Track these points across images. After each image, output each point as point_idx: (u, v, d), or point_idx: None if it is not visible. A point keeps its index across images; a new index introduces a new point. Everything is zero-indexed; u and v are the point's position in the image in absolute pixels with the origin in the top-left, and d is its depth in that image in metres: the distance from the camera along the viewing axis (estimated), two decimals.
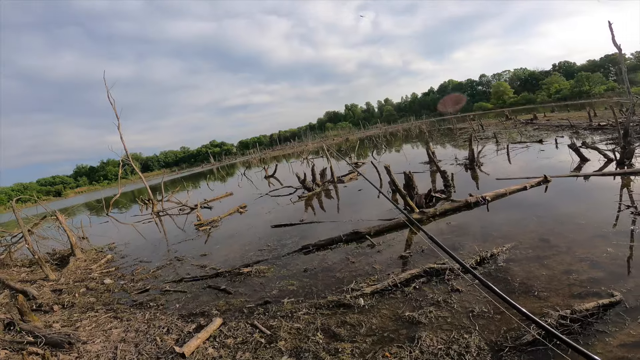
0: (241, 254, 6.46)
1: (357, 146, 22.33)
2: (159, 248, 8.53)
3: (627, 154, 7.24)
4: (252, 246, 6.82)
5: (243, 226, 8.82)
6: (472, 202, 6.07)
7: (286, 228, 7.67)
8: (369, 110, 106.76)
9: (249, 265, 5.62)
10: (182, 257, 7.11)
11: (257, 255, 6.15)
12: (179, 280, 5.72)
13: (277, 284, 4.71)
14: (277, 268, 5.35)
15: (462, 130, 26.14)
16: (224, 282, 5.20)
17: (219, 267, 5.89)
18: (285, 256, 5.82)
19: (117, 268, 7.40)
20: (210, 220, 10.14)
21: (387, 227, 5.76)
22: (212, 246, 7.57)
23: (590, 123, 15.35)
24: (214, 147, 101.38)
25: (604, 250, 3.77)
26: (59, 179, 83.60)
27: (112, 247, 9.77)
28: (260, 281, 4.97)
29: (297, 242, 6.41)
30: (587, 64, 67.90)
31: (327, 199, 10.28)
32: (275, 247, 6.41)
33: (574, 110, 28.81)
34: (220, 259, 6.45)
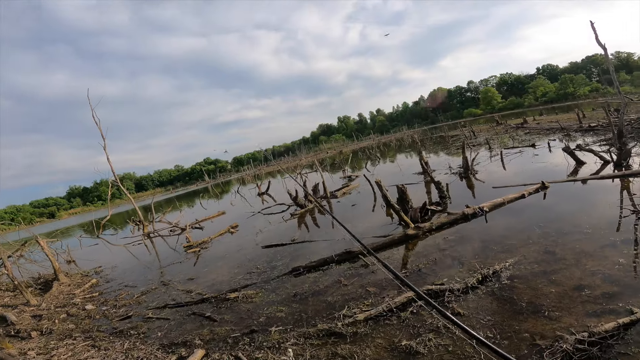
0: (229, 278, 6.18)
1: (349, 159, 22.15)
2: (145, 271, 8.28)
3: (624, 155, 7.06)
4: (241, 269, 6.52)
5: (233, 247, 8.50)
6: (470, 213, 5.79)
7: (277, 248, 7.33)
8: (361, 122, 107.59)
9: (236, 290, 5.35)
10: (168, 282, 6.85)
11: (245, 279, 5.86)
12: (163, 306, 5.49)
13: (265, 310, 4.42)
14: (265, 292, 5.05)
15: (454, 137, 26.16)
16: (210, 309, 4.93)
17: (205, 292, 5.62)
18: (274, 279, 5.51)
19: (101, 293, 7.20)
20: (200, 242, 9.85)
21: (382, 245, 5.44)
22: (201, 269, 7.29)
23: (581, 125, 15.35)
24: (208, 165, 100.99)
25: (615, 262, 3.47)
26: (52, 201, 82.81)
27: (98, 271, 9.57)
28: (247, 307, 4.68)
29: (287, 264, 6.09)
30: (570, 66, 69.52)
31: (320, 215, 9.95)
32: (265, 270, 6.10)
33: (562, 113, 29.11)
34: (208, 283, 6.17)
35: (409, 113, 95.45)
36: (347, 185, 12.99)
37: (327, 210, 5.87)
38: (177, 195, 49.07)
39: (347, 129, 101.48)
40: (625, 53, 58.23)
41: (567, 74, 61.51)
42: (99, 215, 25.79)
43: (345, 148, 58.96)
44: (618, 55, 58.61)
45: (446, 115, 77.51)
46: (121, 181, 16.95)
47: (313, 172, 23.82)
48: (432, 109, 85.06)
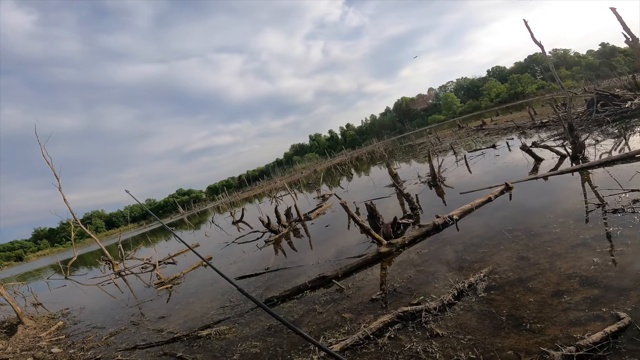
0: (202, 313, 5.86)
1: (321, 178, 22.08)
2: (115, 312, 7.94)
3: (578, 148, 7.35)
4: (214, 303, 6.20)
5: (206, 281, 8.12)
6: (440, 223, 5.71)
7: (251, 279, 6.94)
8: (332, 138, 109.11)
9: (208, 327, 5.05)
10: (138, 321, 6.53)
11: (218, 314, 5.56)
12: (132, 347, 5.21)
13: (239, 347, 4.14)
14: (239, 327, 4.75)
15: (422, 145, 26.87)
16: (182, 348, 4.64)
17: (177, 331, 5.33)
18: (248, 312, 5.20)
19: (68, 335, 7.05)
20: (171, 278, 9.39)
21: (356, 266, 5.20)
22: (172, 306, 6.92)
23: (534, 122, 16.17)
24: (181, 196, 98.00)
25: (590, 262, 3.41)
26: (17, 244, 78.02)
27: (65, 313, 9.35)
28: (220, 345, 4.39)
29: (261, 294, 5.75)
30: (515, 66, 74.91)
31: (296, 238, 9.62)
32: (239, 303, 5.78)
33: (515, 111, 30.80)
34: (180, 321, 5.84)
35: (377, 125, 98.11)
36: (321, 206, 12.76)
37: None
38: (152, 230, 47.16)
39: (320, 146, 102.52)
40: (562, 50, 63.55)
41: (514, 74, 66.12)
42: (68, 256, 24.25)
43: (319, 166, 59.14)
44: (555, 53, 63.84)
45: (412, 124, 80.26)
46: (89, 220, 15.95)
47: (288, 194, 23.46)
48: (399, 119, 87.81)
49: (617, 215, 4.27)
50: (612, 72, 33.93)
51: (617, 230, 3.90)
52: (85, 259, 28.03)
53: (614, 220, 4.16)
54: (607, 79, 33.12)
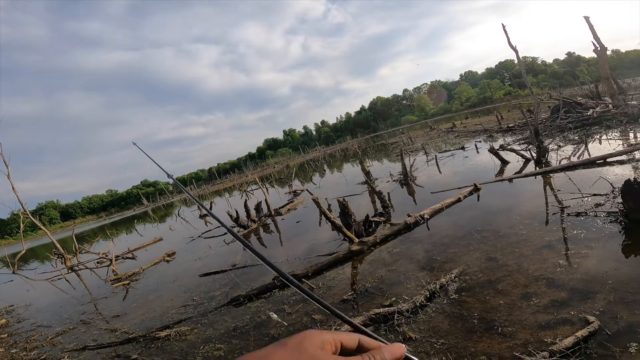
0: (162, 313, 5.50)
1: (293, 173, 21.79)
2: (64, 310, 7.40)
3: (542, 152, 7.64)
4: (175, 302, 5.83)
5: (168, 277, 7.68)
6: (412, 222, 5.68)
7: (216, 276, 6.61)
8: (307, 134, 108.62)
9: (168, 327, 4.72)
10: (89, 320, 6.08)
11: (180, 313, 5.21)
12: (81, 348, 4.82)
13: (201, 350, 3.87)
14: (202, 328, 4.46)
15: (394, 144, 27.29)
16: (137, 350, 4.31)
17: (132, 331, 4.96)
18: (212, 312, 4.90)
19: (11, 334, 6.69)
20: (130, 274, 8.83)
21: (327, 264, 5.04)
22: (129, 305, 6.51)
23: (501, 126, 16.85)
24: (146, 188, 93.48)
25: (556, 264, 3.45)
26: None
27: (9, 310, 8.87)
28: (181, 346, 4.10)
29: (227, 293, 5.47)
30: (486, 72, 78.46)
31: (266, 234, 9.32)
32: (202, 301, 5.45)
33: (484, 115, 32.13)
34: (137, 320, 5.46)
35: (352, 123, 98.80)
36: (292, 201, 12.52)
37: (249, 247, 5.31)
38: (112, 222, 44.67)
39: (294, 141, 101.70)
40: (530, 57, 67.26)
41: (485, 80, 69.24)
42: (18, 249, 22.34)
43: (292, 161, 58.69)
44: (524, 60, 67.49)
45: (386, 123, 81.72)
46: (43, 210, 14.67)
47: (259, 188, 22.95)
48: (373, 118, 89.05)
49: (580, 218, 4.40)
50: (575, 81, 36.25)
51: (580, 233, 4.00)
52: (37, 253, 25.96)
53: (577, 223, 4.28)
54: (569, 88, 35.34)
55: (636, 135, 8.54)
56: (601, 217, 4.25)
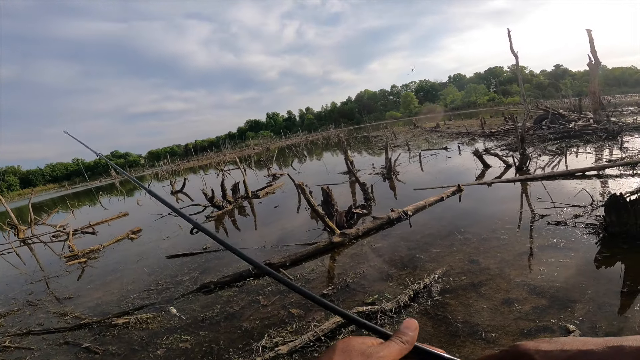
0: (120, 297, 5.08)
1: (274, 156, 21.35)
2: (10, 288, 6.69)
3: (525, 159, 7.76)
4: (137, 285, 5.43)
5: (131, 257, 7.18)
6: (395, 218, 5.58)
7: (185, 259, 6.23)
8: (290, 119, 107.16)
9: (127, 313, 4.36)
10: (37, 301, 5.51)
11: (141, 298, 4.83)
12: (25, 332, 4.37)
13: (165, 340, 3.57)
14: (166, 316, 4.13)
15: (377, 137, 27.34)
16: (90, 337, 3.94)
17: (85, 316, 4.54)
18: (178, 299, 4.56)
19: None
20: (87, 251, 8.18)
21: (306, 255, 4.85)
22: (84, 286, 5.97)
23: (483, 130, 17.19)
24: (116, 159, 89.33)
25: (537, 271, 3.44)
26: None
27: None
28: (141, 335, 3.77)
29: (196, 279, 5.14)
30: (475, 76, 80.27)
31: (240, 217, 9.00)
32: (168, 286, 5.08)
33: (466, 119, 32.81)
34: (91, 304, 5.01)
35: (337, 113, 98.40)
36: (271, 185, 12.20)
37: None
38: (75, 192, 42.25)
39: (276, 125, 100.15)
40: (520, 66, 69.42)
41: (472, 84, 70.84)
42: None
43: (273, 145, 57.79)
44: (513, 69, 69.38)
45: (370, 117, 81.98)
46: (1, 176, 13.37)
47: (237, 168, 22.34)
48: (358, 110, 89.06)
49: (560, 227, 4.45)
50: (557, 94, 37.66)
51: (560, 242, 4.04)
52: None
53: (557, 232, 4.32)
54: (551, 99, 36.69)
55: (612, 152, 8.87)
56: (580, 228, 4.31)
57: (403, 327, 0.52)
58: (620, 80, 68.65)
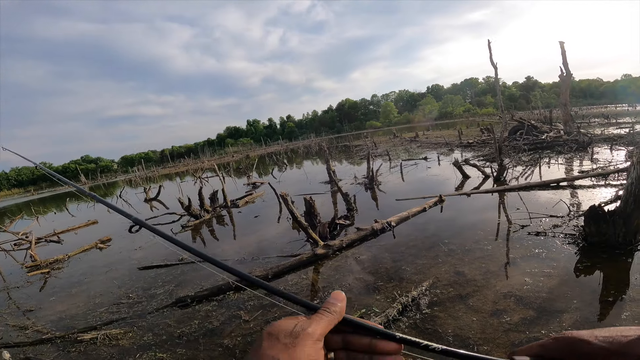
0: (87, 310, 4.75)
1: (255, 164, 21.03)
2: None
3: (502, 170, 7.96)
4: (105, 298, 5.10)
5: (99, 268, 6.76)
6: (379, 229, 5.52)
7: (159, 271, 5.90)
8: (271, 127, 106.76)
9: (94, 328, 4.06)
10: None
11: (110, 312, 4.53)
12: None
13: (137, 358, 3.34)
14: (138, 332, 3.86)
15: (358, 147, 27.58)
16: (53, 353, 3.67)
17: (48, 330, 4.23)
18: (152, 313, 4.28)
19: None
20: (51, 261, 7.67)
21: (289, 267, 4.67)
22: (45, 298, 5.58)
23: (461, 141, 17.69)
24: (86, 163, 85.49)
25: (522, 281, 3.45)
26: None
27: None
28: (110, 352, 3.51)
29: (171, 292, 4.85)
30: (452, 87, 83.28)
31: (219, 226, 8.67)
32: (140, 300, 4.79)
33: (444, 129, 33.80)
34: (54, 317, 4.68)
35: (318, 121, 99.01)
36: (251, 194, 11.92)
37: None
38: (41, 198, 39.94)
39: (256, 133, 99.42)
40: (493, 77, 72.76)
41: (449, 95, 73.46)
42: None
43: (253, 152, 57.14)
44: (488, 80, 72.67)
45: (351, 126, 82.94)
46: None
47: (215, 176, 21.79)
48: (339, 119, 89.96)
49: (540, 238, 4.52)
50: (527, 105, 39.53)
51: (542, 252, 4.09)
52: None
53: (538, 242, 4.39)
54: (522, 111, 38.47)
55: (583, 162, 9.29)
56: (559, 238, 4.40)
57: (331, 298, 0.51)
58: (587, 92, 73.38)
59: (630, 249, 3.75)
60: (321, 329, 0.46)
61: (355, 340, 0.50)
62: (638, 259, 3.58)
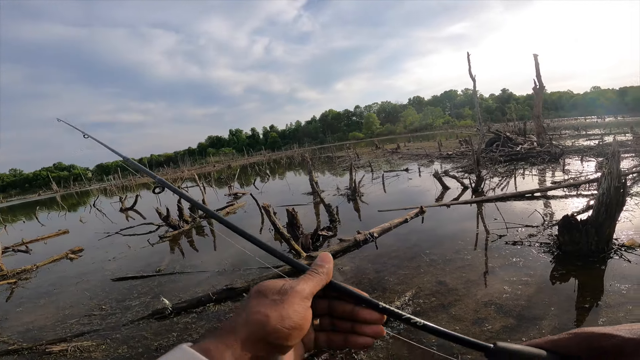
0: (56, 321, 4.53)
1: (236, 174, 20.78)
2: None
3: (480, 182, 8.20)
4: (76, 309, 4.87)
5: (69, 279, 6.48)
6: (361, 240, 5.52)
7: (134, 282, 5.66)
8: (254, 136, 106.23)
9: (64, 340, 3.85)
10: None
11: (82, 324, 4.31)
12: None
13: None
14: (112, 344, 3.68)
15: (341, 158, 27.79)
16: None
17: (14, 341, 4.05)
18: (127, 325, 4.09)
19: None
20: (19, 271, 7.33)
21: (270, 279, 4.55)
22: (12, 309, 5.34)
23: (441, 153, 18.15)
24: (59, 171, 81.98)
25: (501, 290, 3.51)
26: None
27: None
28: None
29: (147, 304, 4.66)
30: (432, 99, 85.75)
31: (199, 237, 8.44)
32: (114, 311, 4.57)
33: (424, 141, 34.65)
34: (21, 328, 4.47)
35: (301, 132, 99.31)
36: (232, 204, 11.72)
37: None
38: (10, 206, 37.89)
39: (239, 142, 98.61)
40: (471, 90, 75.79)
41: (429, 107, 75.63)
42: None
43: (235, 162, 56.49)
44: (466, 92, 75.25)
45: (334, 137, 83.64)
46: None
47: (195, 186, 21.32)
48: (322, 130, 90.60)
49: (517, 247, 4.65)
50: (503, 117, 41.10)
51: (519, 261, 4.20)
52: None
53: (515, 251, 4.51)
54: (498, 123, 40.00)
55: (555, 174, 9.71)
56: (535, 247, 4.54)
57: (318, 260, 0.52)
58: (558, 104, 77.24)
59: (603, 256, 3.91)
60: (309, 288, 0.47)
61: (340, 306, 0.50)
62: (611, 266, 3.73)
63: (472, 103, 72.41)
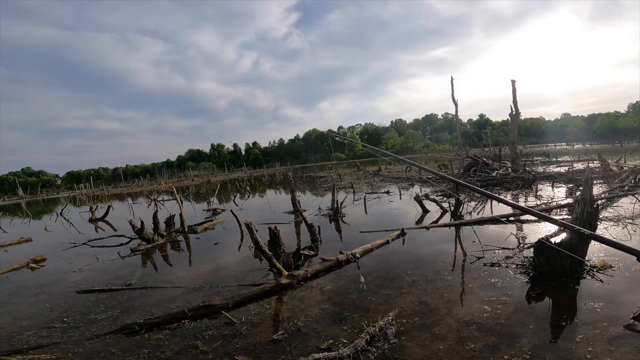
0: (12, 332, 4.21)
1: (216, 190, 20.38)
2: None
3: (458, 205, 8.44)
4: (34, 320, 4.53)
5: (29, 289, 6.06)
6: (343, 260, 5.50)
7: (101, 295, 5.32)
8: (235, 152, 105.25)
9: (20, 352, 3.58)
10: None
11: (40, 336, 4.00)
12: None
13: None
14: (74, 358, 3.42)
15: (322, 178, 27.91)
16: None
17: None
18: (92, 339, 3.79)
19: None
20: None
21: (251, 296, 4.43)
22: None
23: (421, 176, 18.61)
24: (27, 176, 77.63)
25: (482, 309, 3.57)
26: None
27: None
28: None
29: (115, 318, 4.38)
30: (413, 122, 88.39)
31: (174, 251, 8.11)
32: (77, 325, 4.26)
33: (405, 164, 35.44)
34: None
35: (284, 150, 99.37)
36: (211, 220, 11.43)
37: None
38: None
39: (220, 157, 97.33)
40: (451, 114, 78.79)
41: (410, 130, 77.86)
42: None
43: (215, 177, 55.51)
44: (446, 117, 78.15)
45: (316, 156, 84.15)
46: None
47: (172, 199, 20.69)
48: (305, 149, 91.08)
49: (495, 268, 4.78)
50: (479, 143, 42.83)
51: (497, 281, 4.31)
52: None
53: (493, 272, 4.63)
54: (475, 148, 41.59)
55: (528, 198, 10.17)
56: (512, 268, 4.68)
57: None
58: (530, 131, 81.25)
59: (577, 276, 4.13)
60: None
61: None
62: (584, 286, 3.93)
63: (451, 127, 75.16)
